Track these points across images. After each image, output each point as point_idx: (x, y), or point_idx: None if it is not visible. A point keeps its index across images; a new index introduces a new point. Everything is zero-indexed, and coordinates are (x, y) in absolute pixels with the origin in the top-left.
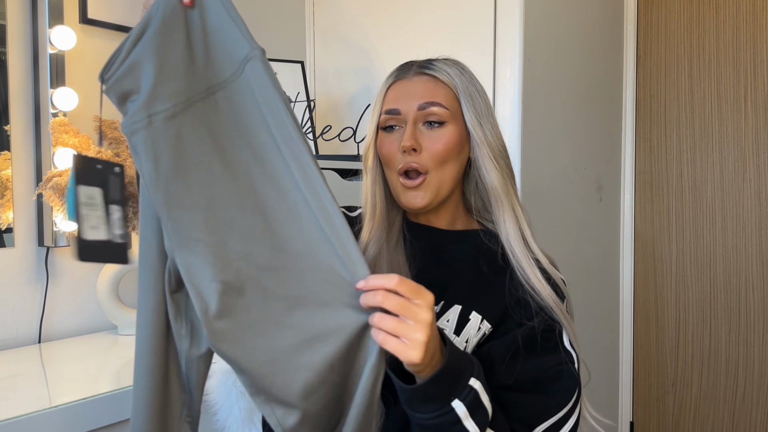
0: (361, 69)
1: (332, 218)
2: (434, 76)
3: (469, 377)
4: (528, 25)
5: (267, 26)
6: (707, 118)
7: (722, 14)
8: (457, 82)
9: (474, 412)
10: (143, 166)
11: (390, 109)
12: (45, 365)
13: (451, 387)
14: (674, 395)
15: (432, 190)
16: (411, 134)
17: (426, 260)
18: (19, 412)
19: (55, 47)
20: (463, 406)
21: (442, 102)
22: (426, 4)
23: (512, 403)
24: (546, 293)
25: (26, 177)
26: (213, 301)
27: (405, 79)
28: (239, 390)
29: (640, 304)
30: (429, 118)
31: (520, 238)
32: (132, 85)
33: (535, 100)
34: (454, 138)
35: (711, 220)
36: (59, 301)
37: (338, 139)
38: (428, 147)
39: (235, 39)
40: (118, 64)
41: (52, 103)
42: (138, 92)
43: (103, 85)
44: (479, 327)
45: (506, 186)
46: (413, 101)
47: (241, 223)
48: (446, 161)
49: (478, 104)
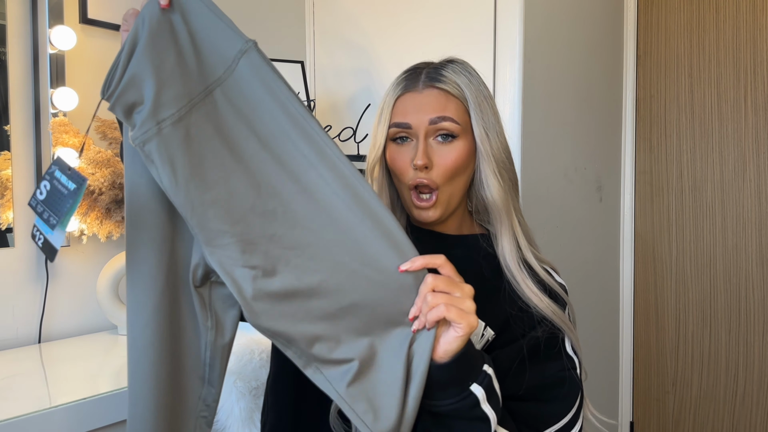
0: (361, 69)
1: (355, 189)
2: (444, 89)
3: (483, 363)
4: (528, 25)
5: (267, 26)
6: (707, 118)
7: (722, 14)
8: (467, 93)
9: (490, 397)
10: (161, 172)
11: (400, 123)
12: (45, 365)
13: (470, 371)
14: (674, 395)
15: (443, 205)
16: (423, 152)
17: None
18: (19, 412)
19: (55, 47)
20: (481, 390)
21: (453, 116)
22: (426, 4)
23: (518, 411)
24: (543, 305)
25: (26, 177)
26: (247, 286)
27: (414, 91)
28: (239, 390)
29: (640, 304)
30: (440, 132)
31: (514, 255)
32: (135, 97)
33: (535, 100)
34: (464, 153)
35: (711, 220)
36: (59, 301)
37: (338, 139)
38: (439, 163)
39: (225, 36)
40: (117, 79)
41: (52, 103)
42: (142, 103)
43: (107, 101)
44: (482, 333)
45: (506, 200)
46: (424, 115)
47: (261, 209)
48: (456, 176)
49: (487, 115)
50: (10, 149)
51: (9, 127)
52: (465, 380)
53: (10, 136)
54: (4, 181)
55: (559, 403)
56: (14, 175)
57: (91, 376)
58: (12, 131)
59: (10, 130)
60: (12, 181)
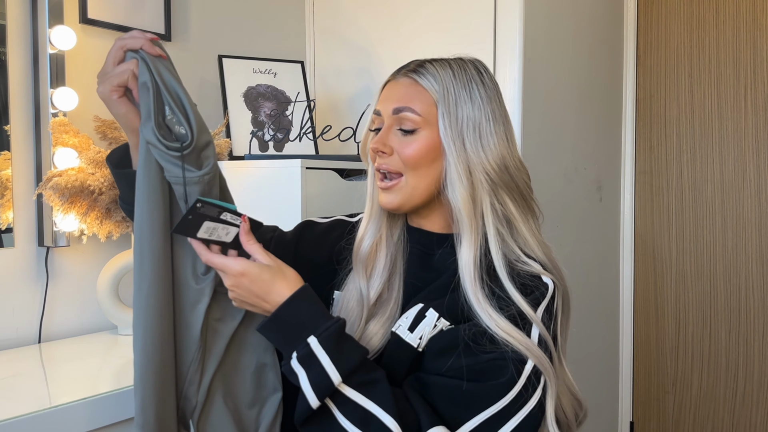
0: (361, 69)
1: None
2: (415, 80)
3: (309, 335)
4: (528, 25)
5: (267, 26)
6: (707, 118)
7: (722, 14)
8: (438, 88)
9: (308, 368)
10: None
11: (376, 109)
12: (45, 365)
13: (288, 338)
14: (674, 395)
15: (404, 194)
16: (381, 137)
17: (414, 263)
18: (19, 412)
19: (55, 47)
20: (295, 360)
21: (415, 108)
22: (426, 4)
23: (436, 388)
24: (497, 326)
25: (26, 177)
26: None
27: (394, 80)
28: None
29: (640, 304)
30: (402, 123)
31: (471, 269)
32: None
33: (535, 100)
34: (427, 144)
35: (711, 220)
36: (59, 301)
37: (338, 139)
38: (399, 150)
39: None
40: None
41: (52, 103)
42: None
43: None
44: (435, 324)
45: (470, 205)
46: (391, 104)
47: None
48: (419, 166)
49: (463, 112)
50: (10, 149)
51: (9, 127)
52: (285, 346)
53: (10, 136)
54: (4, 181)
55: (484, 390)
56: (14, 175)
57: (91, 376)
58: (12, 131)
59: (10, 130)
60: (12, 181)
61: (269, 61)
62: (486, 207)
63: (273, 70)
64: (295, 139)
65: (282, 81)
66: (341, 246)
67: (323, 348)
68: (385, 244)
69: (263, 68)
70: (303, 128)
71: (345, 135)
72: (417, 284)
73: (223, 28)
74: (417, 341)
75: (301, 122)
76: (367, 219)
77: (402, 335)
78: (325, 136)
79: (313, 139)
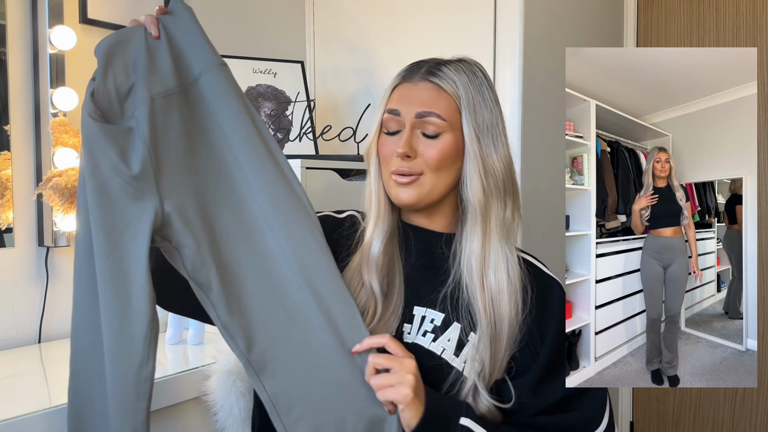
0: (361, 69)
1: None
2: (438, 84)
3: (459, 417)
4: (528, 25)
5: (267, 26)
6: None
7: (722, 14)
8: (461, 92)
9: None
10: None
11: (392, 109)
12: (45, 365)
13: (443, 428)
14: (674, 395)
15: (423, 191)
16: (406, 141)
17: (418, 262)
18: (19, 412)
19: (55, 47)
20: None
21: (440, 113)
22: (426, 3)
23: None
24: (498, 313)
25: (26, 177)
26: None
27: (410, 82)
28: (239, 390)
29: None
30: (425, 128)
31: (479, 265)
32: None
33: (535, 100)
34: (450, 147)
35: None
36: (59, 301)
37: (338, 139)
38: (423, 153)
39: (199, 50)
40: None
41: (52, 103)
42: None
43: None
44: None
45: (486, 203)
46: (413, 107)
47: (220, 225)
48: (441, 168)
49: (481, 117)
50: (10, 149)
51: (9, 127)
52: None
53: (10, 136)
54: (4, 181)
55: (588, 409)
56: (14, 175)
57: None
58: (12, 131)
59: (10, 130)
60: (12, 181)
61: (269, 61)
62: (494, 204)
63: (273, 70)
64: (295, 139)
65: (282, 81)
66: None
67: (475, 422)
68: (389, 243)
69: (263, 68)
70: (303, 128)
71: (345, 135)
72: (418, 280)
73: (223, 28)
74: (441, 348)
75: (301, 122)
76: (374, 220)
77: (425, 345)
78: (325, 136)
79: (313, 139)
